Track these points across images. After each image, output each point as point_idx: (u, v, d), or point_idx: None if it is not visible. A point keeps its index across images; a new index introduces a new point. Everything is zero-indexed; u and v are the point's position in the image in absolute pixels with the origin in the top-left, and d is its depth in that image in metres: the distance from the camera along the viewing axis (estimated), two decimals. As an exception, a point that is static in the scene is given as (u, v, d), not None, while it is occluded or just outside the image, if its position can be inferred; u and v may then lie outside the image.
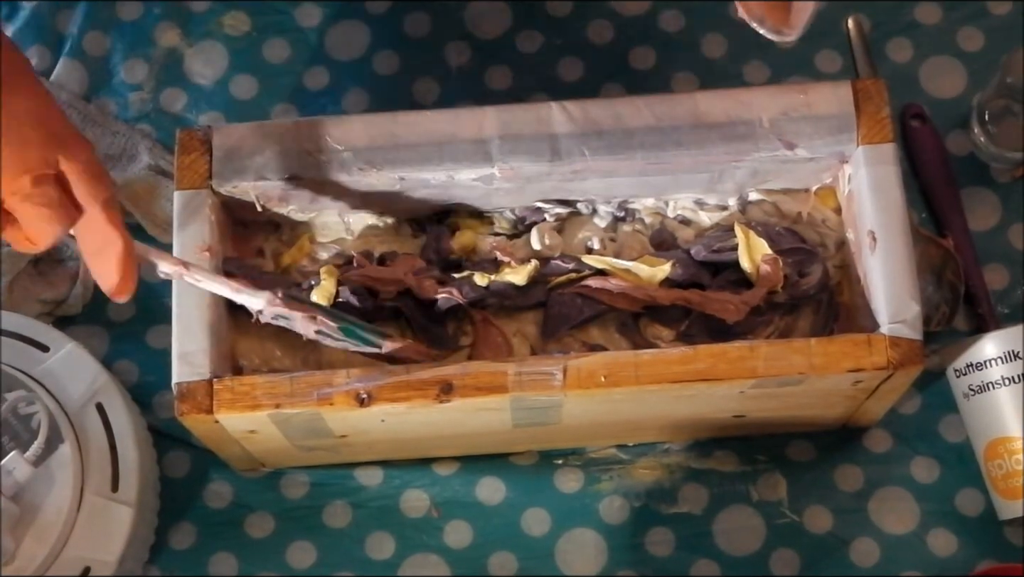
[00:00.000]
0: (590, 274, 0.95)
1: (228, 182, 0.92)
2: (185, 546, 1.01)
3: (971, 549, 0.99)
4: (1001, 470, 0.97)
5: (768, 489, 1.01)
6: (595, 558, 1.00)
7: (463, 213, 0.97)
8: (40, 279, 1.04)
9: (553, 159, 0.92)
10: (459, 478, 1.02)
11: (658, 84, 1.09)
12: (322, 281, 0.94)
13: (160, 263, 0.86)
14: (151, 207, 1.06)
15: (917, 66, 1.09)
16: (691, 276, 0.94)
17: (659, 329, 0.96)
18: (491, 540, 1.01)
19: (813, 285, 0.94)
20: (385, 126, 0.93)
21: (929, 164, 1.06)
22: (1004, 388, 0.97)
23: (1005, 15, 1.10)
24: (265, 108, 1.10)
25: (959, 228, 1.04)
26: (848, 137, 0.91)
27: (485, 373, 0.87)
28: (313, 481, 1.02)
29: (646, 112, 0.92)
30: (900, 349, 0.87)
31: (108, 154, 1.08)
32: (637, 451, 1.02)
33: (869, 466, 1.01)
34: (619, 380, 0.87)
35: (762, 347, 0.87)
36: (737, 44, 1.10)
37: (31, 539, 0.92)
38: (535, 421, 0.93)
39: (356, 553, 1.01)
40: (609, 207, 0.97)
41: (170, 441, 1.03)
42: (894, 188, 0.90)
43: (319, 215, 0.97)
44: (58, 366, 0.97)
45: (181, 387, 0.88)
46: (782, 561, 1.00)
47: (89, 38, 1.12)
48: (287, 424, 0.90)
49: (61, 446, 0.94)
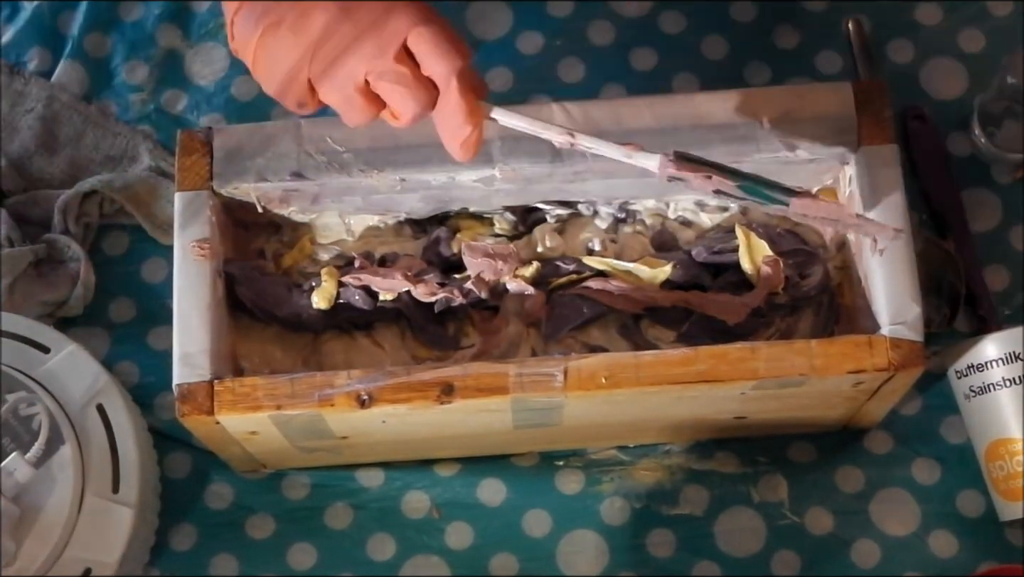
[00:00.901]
0: (591, 275, 0.95)
1: (229, 183, 0.92)
2: (186, 547, 1.01)
3: (972, 550, 0.99)
4: (1002, 471, 0.97)
5: (769, 490, 1.01)
6: (596, 559, 1.00)
7: (464, 214, 0.97)
8: (41, 280, 1.04)
9: (554, 160, 0.92)
10: (460, 479, 1.02)
11: (659, 85, 1.09)
12: (323, 282, 0.94)
13: (547, 134, 0.84)
14: (152, 208, 1.06)
15: (918, 67, 1.09)
16: (692, 277, 0.94)
17: (660, 330, 0.96)
18: (492, 541, 1.01)
19: (814, 286, 0.94)
20: (386, 127, 0.92)
21: (930, 165, 1.06)
22: (1005, 389, 0.97)
23: (1006, 16, 1.10)
24: (266, 109, 1.10)
25: (960, 230, 1.04)
26: (849, 139, 0.91)
27: (486, 374, 0.87)
28: (314, 482, 1.02)
29: (647, 113, 0.92)
30: (901, 350, 0.87)
31: (109, 155, 1.08)
32: (638, 452, 1.02)
33: (870, 467, 1.01)
34: (620, 381, 0.87)
35: (763, 348, 0.87)
36: (738, 45, 1.10)
37: (32, 540, 0.92)
38: (536, 422, 0.93)
39: (357, 554, 1.01)
40: (610, 208, 0.97)
41: (171, 442, 1.03)
42: (895, 190, 0.90)
43: (320, 216, 0.97)
44: (59, 367, 0.97)
45: (182, 388, 0.88)
46: (783, 562, 1.00)
47: (90, 39, 1.12)
48: (288, 425, 0.90)
49: (62, 447, 0.94)
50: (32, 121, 1.09)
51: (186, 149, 0.92)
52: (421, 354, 0.96)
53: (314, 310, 0.94)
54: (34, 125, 1.09)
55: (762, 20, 1.11)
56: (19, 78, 1.10)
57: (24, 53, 1.12)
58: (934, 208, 1.05)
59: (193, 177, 0.92)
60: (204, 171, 0.92)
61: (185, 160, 0.92)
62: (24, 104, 1.10)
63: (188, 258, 0.90)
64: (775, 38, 1.10)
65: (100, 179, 1.05)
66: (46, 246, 1.05)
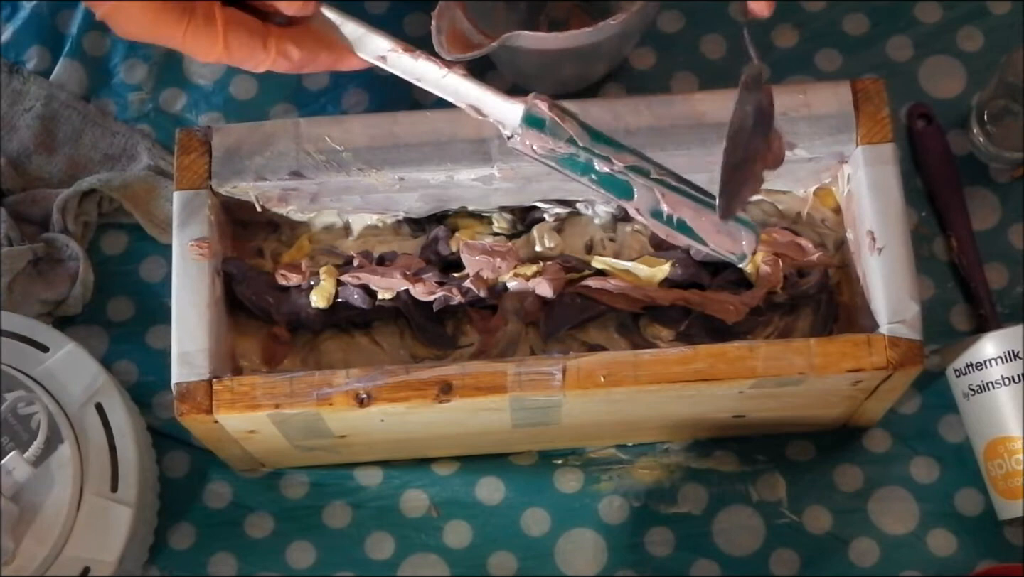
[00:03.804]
0: (590, 274, 0.95)
1: (227, 182, 0.92)
2: (185, 546, 1.01)
3: (971, 549, 0.99)
4: (1001, 470, 0.97)
5: (768, 489, 1.01)
6: (595, 558, 1.00)
7: (462, 213, 0.97)
8: (40, 279, 1.04)
9: (553, 159, 0.92)
10: (459, 478, 1.02)
11: (658, 84, 1.09)
12: (321, 281, 0.94)
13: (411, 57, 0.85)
14: (150, 207, 1.06)
15: (917, 65, 1.09)
16: (691, 276, 0.94)
17: (658, 329, 0.96)
18: (491, 540, 1.01)
19: (812, 285, 0.94)
20: (385, 126, 0.93)
21: (933, 164, 1.06)
22: (1004, 388, 0.97)
23: (1005, 15, 1.09)
24: (264, 108, 1.10)
25: (962, 228, 1.04)
26: (847, 137, 0.91)
27: (484, 373, 0.87)
28: (313, 481, 1.02)
29: (646, 112, 0.92)
30: (900, 349, 0.87)
31: (108, 154, 1.08)
32: (637, 451, 1.02)
33: (869, 466, 1.01)
34: (618, 380, 0.87)
35: (761, 347, 0.87)
36: (737, 44, 1.10)
37: (31, 539, 0.92)
38: (535, 421, 0.93)
39: (356, 553, 1.01)
40: (608, 207, 0.97)
41: (170, 441, 1.03)
42: (893, 188, 0.90)
43: (318, 215, 0.97)
44: (57, 366, 0.97)
45: (180, 387, 0.88)
46: (781, 561, 1.00)
47: (89, 38, 1.12)
48: (286, 424, 0.90)
49: (61, 446, 0.94)
50: (31, 120, 1.09)
51: (185, 148, 0.92)
52: (420, 353, 0.96)
53: (313, 309, 0.94)
54: (33, 124, 1.09)
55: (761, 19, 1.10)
56: (18, 77, 1.10)
57: (23, 52, 1.12)
58: (936, 206, 1.05)
59: (192, 176, 0.92)
60: (203, 170, 0.92)
61: (184, 159, 0.92)
62: (23, 103, 1.10)
63: (187, 257, 0.90)
64: (773, 37, 1.10)
65: (99, 178, 1.05)
66: (45, 245, 1.04)
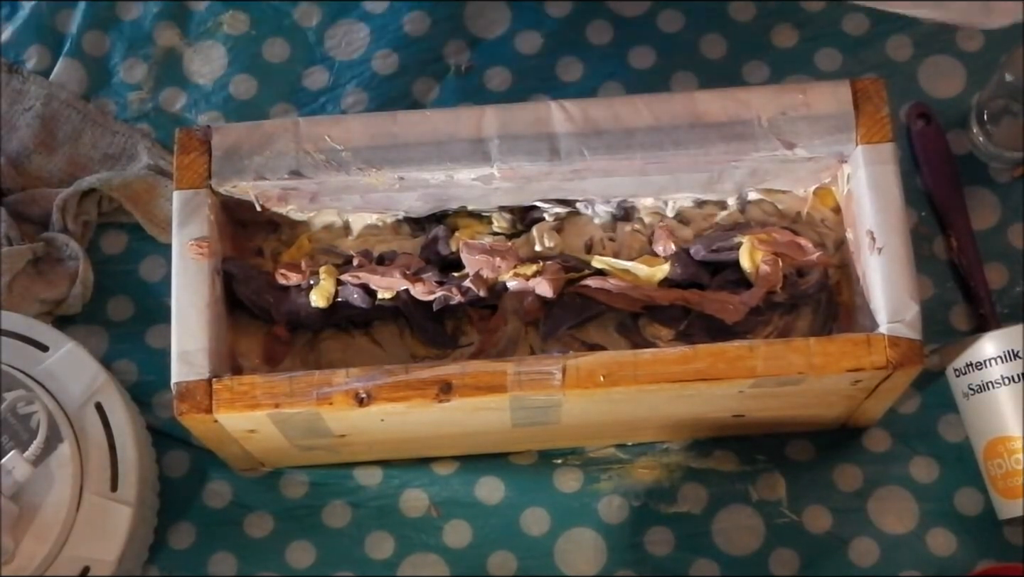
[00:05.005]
0: (589, 274, 0.95)
1: (227, 182, 0.92)
2: (184, 546, 1.01)
3: (970, 549, 0.99)
4: (1000, 469, 0.97)
5: (767, 489, 1.01)
6: (594, 558, 1.00)
7: (462, 213, 0.97)
8: (40, 279, 1.04)
9: (552, 159, 0.92)
10: (458, 478, 1.02)
11: (657, 84, 1.09)
12: (321, 280, 0.94)
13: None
14: (150, 207, 1.06)
15: (916, 65, 1.09)
16: (690, 276, 0.94)
17: (658, 329, 0.96)
18: (490, 540, 1.01)
19: (812, 285, 0.94)
20: (384, 126, 0.93)
21: (934, 164, 1.06)
22: (1004, 387, 0.97)
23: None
24: (264, 108, 1.10)
25: (963, 228, 1.04)
26: (847, 137, 0.91)
27: (484, 373, 0.87)
28: (312, 481, 1.02)
29: (645, 112, 0.92)
30: (899, 349, 0.87)
31: (107, 154, 1.08)
32: (636, 451, 1.02)
33: (868, 466, 1.01)
34: (618, 380, 0.87)
35: (761, 347, 0.87)
36: (736, 44, 1.10)
37: (30, 538, 0.92)
38: (534, 421, 0.93)
39: (355, 553, 1.01)
40: (608, 207, 0.97)
41: (169, 441, 1.03)
42: (893, 188, 0.90)
43: (318, 215, 0.97)
44: (57, 366, 0.97)
45: (180, 387, 0.88)
46: (781, 561, 1.00)
47: (88, 38, 1.12)
48: (286, 424, 0.90)
49: (60, 446, 0.94)
50: (31, 119, 1.09)
51: (184, 147, 0.92)
52: (419, 352, 0.96)
53: (312, 308, 0.94)
54: (33, 123, 1.09)
55: (761, 19, 1.11)
56: (18, 76, 1.10)
57: (23, 51, 1.12)
58: (936, 206, 1.05)
59: (191, 175, 0.92)
60: (202, 169, 0.92)
61: (183, 158, 0.92)
62: (23, 102, 1.10)
63: (186, 256, 0.90)
64: (773, 37, 1.10)
65: (99, 177, 1.05)
66: (45, 244, 1.05)
